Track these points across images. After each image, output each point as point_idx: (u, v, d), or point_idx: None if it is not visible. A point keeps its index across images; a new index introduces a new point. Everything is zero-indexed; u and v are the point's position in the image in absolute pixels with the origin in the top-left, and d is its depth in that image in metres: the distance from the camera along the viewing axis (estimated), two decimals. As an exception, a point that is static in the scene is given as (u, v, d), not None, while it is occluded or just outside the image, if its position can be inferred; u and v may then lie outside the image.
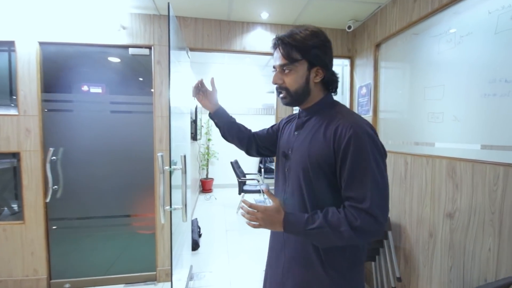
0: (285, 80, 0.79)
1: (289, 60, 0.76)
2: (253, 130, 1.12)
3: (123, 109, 2.22)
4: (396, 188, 1.91)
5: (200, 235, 3.27)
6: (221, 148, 5.84)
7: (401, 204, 1.85)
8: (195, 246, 2.92)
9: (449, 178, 1.48)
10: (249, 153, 1.10)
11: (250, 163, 5.84)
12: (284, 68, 0.78)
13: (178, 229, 1.90)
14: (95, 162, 2.19)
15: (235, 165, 4.37)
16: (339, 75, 0.86)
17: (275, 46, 0.79)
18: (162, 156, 1.50)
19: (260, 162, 5.90)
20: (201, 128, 5.49)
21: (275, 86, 0.81)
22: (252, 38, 2.35)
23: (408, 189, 1.78)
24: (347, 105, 2.54)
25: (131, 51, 2.20)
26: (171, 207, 1.52)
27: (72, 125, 2.16)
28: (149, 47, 2.19)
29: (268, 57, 3.33)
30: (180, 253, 2.06)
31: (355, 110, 2.45)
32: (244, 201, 0.80)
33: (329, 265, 0.76)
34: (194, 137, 3.87)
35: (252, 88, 5.67)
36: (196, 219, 3.61)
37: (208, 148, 5.77)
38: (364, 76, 2.32)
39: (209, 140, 5.79)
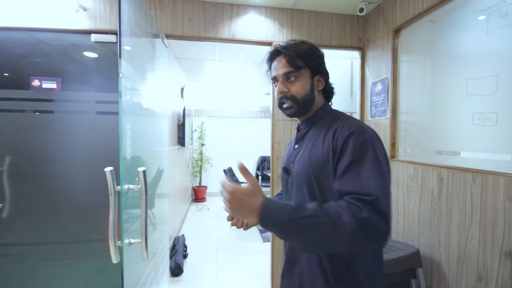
0: (290, 88, 0.77)
1: (295, 67, 0.76)
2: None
3: (86, 109, 1.81)
4: (425, 211, 1.48)
5: (185, 256, 2.83)
6: (216, 154, 5.42)
7: (434, 233, 1.42)
8: (177, 271, 2.48)
9: (510, 202, 1.06)
10: None
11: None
12: (290, 75, 0.77)
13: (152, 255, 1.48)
14: (51, 173, 1.77)
15: (229, 173, 3.94)
16: (348, 70, 0.75)
17: (275, 55, 0.80)
18: (112, 172, 1.08)
19: (258, 169, 5.48)
20: (193, 133, 5.08)
21: (279, 96, 0.79)
22: (243, 23, 1.95)
23: (444, 214, 1.36)
24: (357, 105, 2.13)
25: (94, 37, 1.79)
26: (122, 240, 1.10)
27: (22, 128, 1.74)
28: (116, 33, 1.79)
29: (264, 51, 2.94)
30: (156, 281, 1.64)
31: (367, 111, 2.04)
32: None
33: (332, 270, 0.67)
34: (181, 142, 3.46)
35: (248, 89, 5.26)
36: (183, 235, 3.17)
37: (201, 153, 5.34)
38: (379, 70, 1.91)
39: (202, 145, 5.37)
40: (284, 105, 0.79)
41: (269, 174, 5.11)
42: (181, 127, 3.43)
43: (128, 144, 1.11)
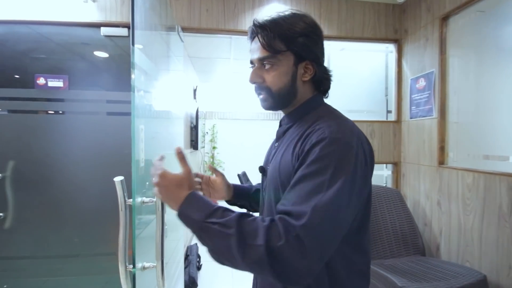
0: (265, 77, 0.62)
1: (271, 51, 0.59)
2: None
3: (96, 109, 1.64)
4: (490, 228, 1.24)
5: (199, 268, 2.63)
6: (228, 157, 5.24)
7: (502, 255, 1.18)
8: (192, 285, 2.29)
9: None
10: None
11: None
12: (265, 62, 0.61)
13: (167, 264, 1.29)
14: (57, 181, 1.60)
15: (243, 178, 3.74)
16: (382, 65, 0.62)
17: (253, 34, 0.63)
18: (122, 182, 0.89)
19: (271, 173, 5.26)
20: (204, 136, 4.92)
21: (254, 85, 0.64)
22: (266, 14, 1.75)
23: (520, 233, 1.12)
24: (393, 105, 1.91)
25: (104, 31, 1.63)
26: (134, 265, 0.91)
27: (27, 130, 1.59)
28: (128, 26, 1.62)
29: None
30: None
31: (406, 111, 1.81)
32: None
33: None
34: (194, 145, 3.29)
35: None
36: (196, 244, 2.98)
37: (213, 157, 5.17)
38: (421, 64, 1.68)
39: (214, 148, 5.20)
40: (260, 96, 0.65)
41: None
42: (194, 130, 3.26)
43: (141, 148, 0.93)
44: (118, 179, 0.90)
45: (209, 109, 5.11)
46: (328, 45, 1.88)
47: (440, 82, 1.53)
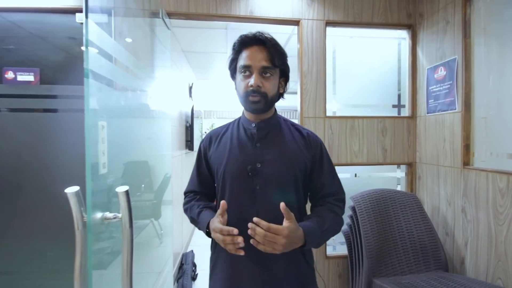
0: (264, 84, 0.74)
1: (273, 64, 0.74)
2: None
3: (72, 106, 1.46)
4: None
5: (194, 278, 2.45)
6: (227, 158, 5.04)
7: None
8: (185, 298, 2.10)
9: None
10: None
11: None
12: (267, 71, 0.74)
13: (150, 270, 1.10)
14: (29, 187, 1.42)
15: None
16: (394, 54, 1.02)
17: (255, 42, 0.75)
18: (78, 194, 0.71)
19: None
20: (202, 136, 4.73)
21: (250, 89, 0.74)
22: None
23: None
24: (407, 98, 1.71)
25: (80, 17, 1.44)
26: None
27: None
28: (109, 13, 1.43)
29: (284, 39, 2.55)
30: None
31: (422, 104, 1.61)
32: (257, 222, 0.65)
33: (309, 258, 0.83)
34: (190, 146, 3.10)
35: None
36: (192, 252, 2.79)
37: (211, 158, 4.98)
38: (440, 51, 1.48)
39: (213, 148, 5.00)
40: (251, 98, 0.74)
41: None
42: (189, 130, 3.07)
43: (102, 151, 0.73)
44: (71, 190, 0.71)
45: (207, 108, 4.93)
46: (333, 33, 1.68)
47: (464, 71, 1.33)
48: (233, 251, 0.66)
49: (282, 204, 0.66)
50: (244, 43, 0.74)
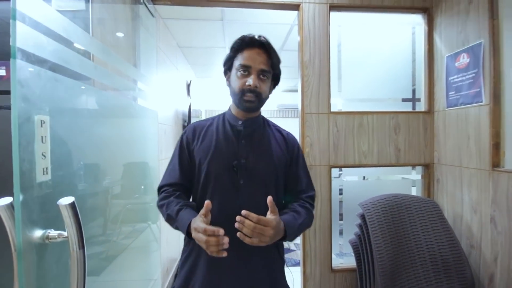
0: (261, 85, 0.80)
1: (271, 68, 0.81)
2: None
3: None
4: None
5: (191, 287, 2.29)
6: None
7: None
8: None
9: None
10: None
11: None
12: (265, 74, 0.80)
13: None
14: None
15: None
16: (408, 41, 1.13)
17: (257, 45, 0.80)
18: (10, 207, 0.55)
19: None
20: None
21: (247, 88, 0.79)
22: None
23: None
24: (423, 90, 1.52)
25: (56, 4, 1.30)
26: None
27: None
28: (84, -2, 1.29)
29: (284, 35, 2.38)
30: None
31: (441, 98, 1.43)
32: (246, 214, 0.66)
33: (281, 252, 0.88)
34: (188, 146, 2.95)
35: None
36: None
37: (213, 158, 4.84)
38: (462, 35, 1.29)
39: (214, 149, 4.86)
40: (246, 97, 0.79)
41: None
42: (186, 129, 2.93)
43: (42, 152, 0.58)
44: (2, 202, 0.56)
45: (208, 107, 4.79)
46: (338, 17, 1.50)
47: (491, 57, 1.14)
48: (214, 253, 0.65)
49: (269, 198, 0.70)
50: (246, 43, 0.79)
